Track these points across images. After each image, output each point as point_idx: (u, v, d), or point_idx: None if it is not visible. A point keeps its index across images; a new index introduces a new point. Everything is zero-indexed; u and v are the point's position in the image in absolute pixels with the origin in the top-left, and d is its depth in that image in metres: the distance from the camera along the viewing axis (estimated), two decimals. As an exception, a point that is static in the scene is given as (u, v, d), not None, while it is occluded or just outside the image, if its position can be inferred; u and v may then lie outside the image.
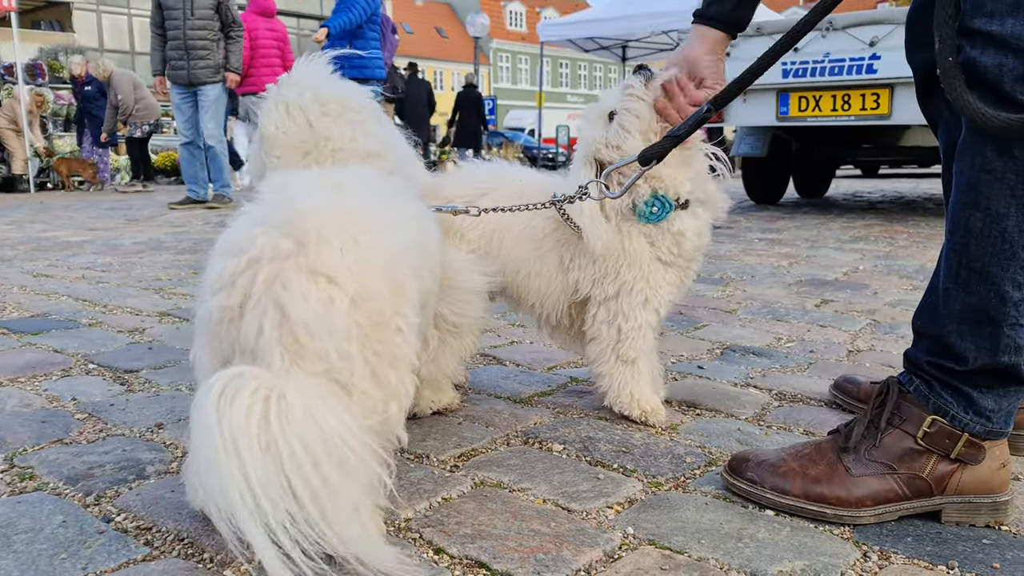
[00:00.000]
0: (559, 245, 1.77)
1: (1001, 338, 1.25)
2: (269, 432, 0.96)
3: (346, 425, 1.01)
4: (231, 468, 0.93)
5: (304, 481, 0.96)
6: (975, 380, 1.29)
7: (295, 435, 0.96)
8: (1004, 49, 1.14)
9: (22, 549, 1.20)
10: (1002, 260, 1.23)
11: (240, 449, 0.94)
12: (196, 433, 0.98)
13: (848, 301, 3.23)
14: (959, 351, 1.28)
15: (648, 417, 1.76)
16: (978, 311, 1.26)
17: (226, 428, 0.94)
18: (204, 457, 0.95)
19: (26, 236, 5.69)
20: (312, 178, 1.25)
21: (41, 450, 1.61)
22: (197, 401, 0.99)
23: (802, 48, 5.97)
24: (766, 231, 5.74)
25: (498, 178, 1.84)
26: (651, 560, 1.19)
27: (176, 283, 3.67)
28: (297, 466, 0.96)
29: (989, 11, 1.15)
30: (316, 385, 1.03)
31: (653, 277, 1.72)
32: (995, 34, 1.14)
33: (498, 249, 1.79)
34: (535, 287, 1.80)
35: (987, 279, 1.24)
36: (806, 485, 1.33)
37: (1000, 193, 1.21)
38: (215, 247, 1.15)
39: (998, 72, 1.15)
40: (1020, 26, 1.13)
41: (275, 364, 1.03)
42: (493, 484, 1.46)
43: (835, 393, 1.93)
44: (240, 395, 0.96)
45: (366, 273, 1.09)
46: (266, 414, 0.96)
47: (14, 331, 2.65)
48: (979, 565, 1.19)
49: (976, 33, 1.16)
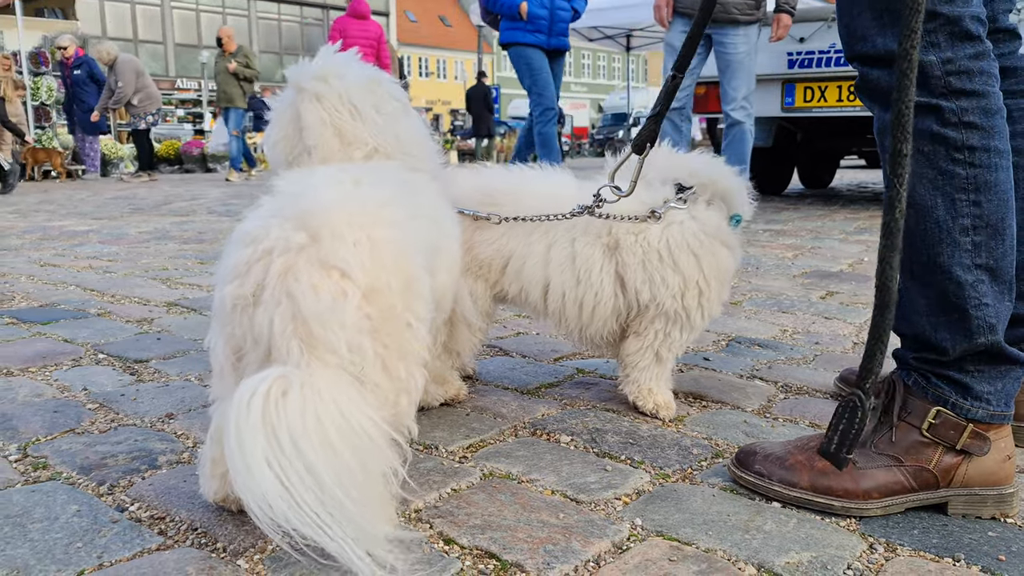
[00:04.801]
0: (616, 267, 1.72)
1: (971, 321, 1.29)
2: (322, 430, 0.97)
3: (369, 416, 1.02)
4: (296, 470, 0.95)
5: (335, 474, 0.98)
6: (963, 367, 1.32)
7: (334, 429, 0.98)
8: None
9: (38, 538, 1.22)
10: (945, 248, 1.29)
11: (302, 449, 0.96)
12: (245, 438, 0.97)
13: (853, 293, 3.23)
14: (937, 343, 1.32)
15: (659, 411, 1.77)
16: (941, 301, 1.31)
17: (283, 430, 0.95)
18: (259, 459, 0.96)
19: (32, 225, 5.71)
20: (331, 172, 1.26)
21: (54, 440, 1.62)
22: (243, 407, 0.98)
23: (808, 38, 5.96)
24: (771, 222, 5.73)
25: (515, 193, 1.78)
26: (659, 551, 1.20)
27: (183, 273, 3.68)
28: (331, 459, 0.97)
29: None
30: (338, 378, 1.04)
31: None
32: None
33: (518, 270, 1.75)
34: (574, 313, 1.75)
35: (938, 270, 1.30)
36: (813, 478, 1.34)
37: (922, 188, 1.29)
38: (232, 236, 1.16)
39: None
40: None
41: (292, 356, 1.04)
42: (502, 475, 1.47)
43: (840, 386, 1.94)
44: (291, 393, 0.98)
45: (378, 268, 1.10)
46: (315, 411, 0.98)
47: (23, 321, 2.67)
48: (985, 557, 1.20)
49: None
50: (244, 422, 0.96)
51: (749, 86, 5.32)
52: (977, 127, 1.26)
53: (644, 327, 1.76)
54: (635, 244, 1.69)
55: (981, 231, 1.28)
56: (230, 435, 0.96)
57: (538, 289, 1.75)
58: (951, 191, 1.28)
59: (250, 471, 0.95)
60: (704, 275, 1.71)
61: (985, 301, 1.28)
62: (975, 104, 1.26)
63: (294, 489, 0.95)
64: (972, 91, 1.26)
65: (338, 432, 0.98)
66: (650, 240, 1.69)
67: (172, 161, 14.72)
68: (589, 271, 1.71)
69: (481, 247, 1.76)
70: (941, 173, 1.28)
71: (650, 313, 1.73)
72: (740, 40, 5.25)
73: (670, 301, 1.70)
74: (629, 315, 1.77)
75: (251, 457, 0.95)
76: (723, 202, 1.75)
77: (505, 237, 1.75)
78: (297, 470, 0.95)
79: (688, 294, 1.71)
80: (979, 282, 1.28)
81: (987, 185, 1.27)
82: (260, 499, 0.94)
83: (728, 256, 1.75)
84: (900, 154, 1.16)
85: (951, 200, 1.28)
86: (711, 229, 1.71)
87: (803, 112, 6.28)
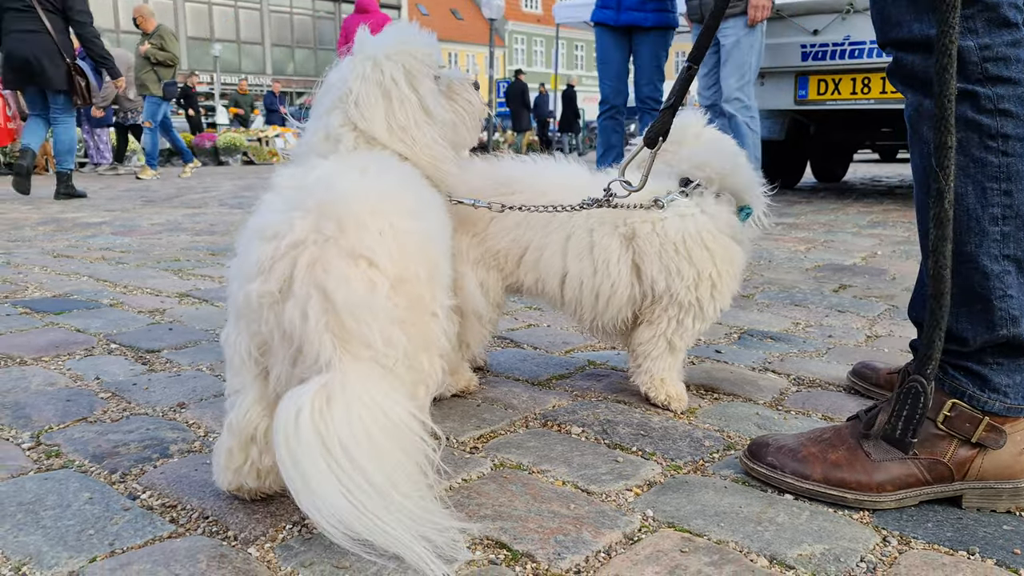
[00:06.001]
0: (633, 256, 1.73)
1: (994, 312, 1.27)
2: (369, 433, 0.98)
3: (407, 409, 1.02)
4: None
5: (386, 475, 0.98)
6: (982, 358, 1.30)
7: (378, 429, 0.98)
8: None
9: (50, 525, 1.22)
10: (973, 237, 1.27)
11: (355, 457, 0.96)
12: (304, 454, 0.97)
13: (866, 286, 3.21)
14: (958, 333, 1.30)
15: (671, 403, 1.76)
16: (965, 291, 1.29)
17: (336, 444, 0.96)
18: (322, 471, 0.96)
19: (45, 217, 5.73)
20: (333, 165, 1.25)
21: (66, 428, 1.63)
22: (291, 424, 0.98)
23: (822, 31, 5.91)
24: (783, 215, 5.70)
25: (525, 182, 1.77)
26: (671, 542, 1.20)
27: (194, 264, 3.69)
28: (381, 460, 0.98)
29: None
30: (372, 372, 1.04)
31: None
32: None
33: (535, 261, 1.75)
34: (590, 302, 1.75)
35: (965, 259, 1.28)
36: (827, 470, 1.33)
37: (955, 175, 1.24)
38: (247, 231, 1.15)
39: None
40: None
41: (325, 351, 1.03)
42: (513, 466, 1.47)
43: (853, 380, 1.93)
44: (334, 401, 0.98)
45: (405, 256, 1.09)
46: (360, 416, 0.98)
47: (37, 311, 2.68)
48: (1000, 551, 1.18)
49: None
50: (295, 441, 0.96)
51: (742, 77, 5.26)
52: (1012, 115, 1.24)
53: (657, 315, 1.75)
54: (652, 234, 1.69)
55: (1011, 221, 1.26)
56: (283, 457, 0.96)
57: (556, 279, 1.75)
58: (982, 179, 1.25)
59: (313, 491, 0.95)
60: (716, 268, 1.71)
61: (1010, 292, 1.26)
62: (1011, 92, 1.24)
63: (355, 499, 0.95)
64: (1009, 78, 1.23)
65: (383, 431, 0.98)
66: (667, 231, 1.69)
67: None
68: (607, 261, 1.71)
69: (496, 238, 1.75)
70: (973, 161, 1.26)
71: (664, 302, 1.73)
72: (729, 32, 5.24)
73: (684, 292, 1.70)
74: (643, 303, 1.77)
75: (312, 478, 0.95)
76: (733, 196, 1.75)
77: (521, 228, 1.74)
78: (356, 480, 0.95)
79: (702, 286, 1.71)
80: (1006, 273, 1.26)
81: (1019, 175, 1.25)
82: (331, 517, 0.95)
83: (739, 250, 1.75)
84: (945, 146, 1.15)
85: (982, 188, 1.26)
86: (721, 223, 1.71)
87: (816, 105, 6.24)
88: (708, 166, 1.73)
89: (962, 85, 1.23)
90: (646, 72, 5.44)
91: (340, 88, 1.44)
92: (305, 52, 38.89)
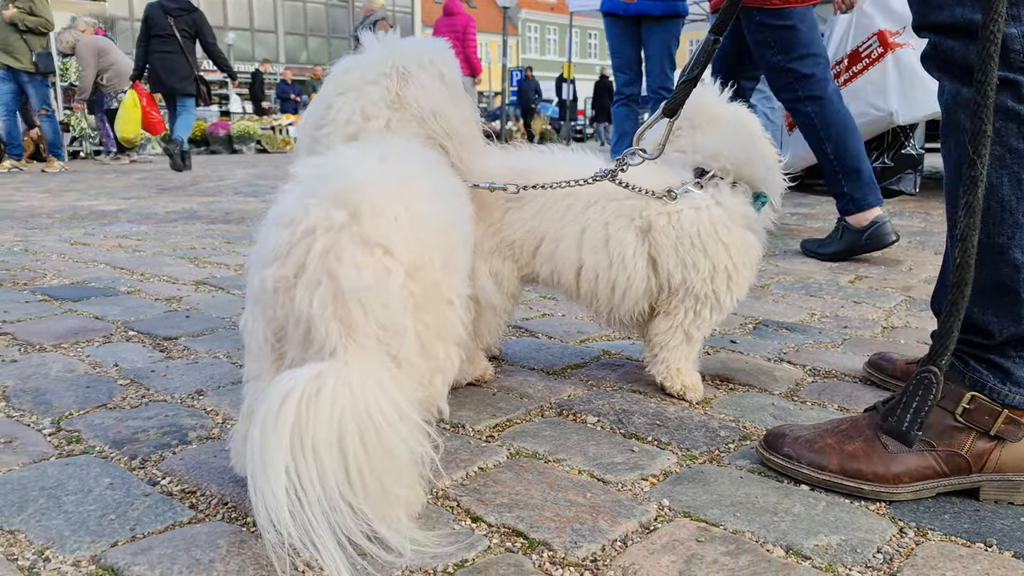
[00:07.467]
0: (649, 249, 1.72)
1: (1022, 305, 1.26)
2: (344, 435, 0.97)
3: (398, 406, 1.02)
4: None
5: (357, 468, 0.98)
6: (1006, 351, 1.29)
7: (357, 433, 0.98)
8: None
9: (72, 509, 1.24)
10: (1006, 229, 1.25)
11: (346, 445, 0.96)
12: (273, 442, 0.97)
13: (883, 277, 3.19)
14: (984, 325, 1.29)
15: (687, 393, 1.76)
16: (994, 283, 1.27)
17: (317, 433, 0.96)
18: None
19: (62, 205, 5.77)
20: (354, 152, 1.25)
21: (86, 414, 1.65)
22: (272, 415, 0.98)
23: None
24: (799, 205, 5.67)
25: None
26: (687, 532, 1.20)
27: (210, 252, 3.71)
28: (347, 463, 0.97)
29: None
30: (374, 362, 1.04)
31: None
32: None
33: (551, 252, 1.75)
34: (606, 294, 1.75)
35: (996, 250, 1.26)
36: (843, 461, 1.33)
37: (990, 166, 1.23)
38: (267, 218, 1.15)
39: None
40: None
41: (331, 337, 1.03)
42: (529, 455, 1.47)
43: (869, 371, 1.92)
44: (323, 392, 0.97)
45: (421, 243, 1.09)
46: (342, 414, 0.97)
47: (55, 298, 2.70)
48: (1018, 543, 1.18)
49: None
50: (271, 427, 0.96)
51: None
52: None
53: (674, 307, 1.75)
54: (668, 226, 1.68)
55: None
56: (255, 436, 0.96)
57: (571, 271, 1.74)
58: (1018, 171, 1.24)
59: (268, 478, 0.95)
60: (732, 260, 1.70)
61: None
62: None
63: (299, 500, 0.95)
64: None
65: (361, 436, 0.97)
66: (683, 224, 1.68)
67: (199, 142, 14.78)
68: (623, 254, 1.70)
69: (512, 228, 1.75)
70: (1010, 151, 1.24)
71: (680, 294, 1.73)
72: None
73: (700, 284, 1.70)
74: (659, 296, 1.76)
75: (271, 467, 0.94)
76: (748, 185, 1.74)
77: (537, 219, 1.74)
78: (310, 482, 0.95)
79: (718, 278, 1.71)
80: None
81: None
82: (271, 505, 0.94)
83: (755, 241, 1.74)
84: (983, 133, 1.13)
85: (1017, 180, 1.24)
86: (736, 215, 1.70)
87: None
88: (722, 156, 1.72)
89: (1003, 73, 1.20)
90: (656, 61, 5.31)
91: (379, 66, 1.46)
92: (318, 40, 38.89)
